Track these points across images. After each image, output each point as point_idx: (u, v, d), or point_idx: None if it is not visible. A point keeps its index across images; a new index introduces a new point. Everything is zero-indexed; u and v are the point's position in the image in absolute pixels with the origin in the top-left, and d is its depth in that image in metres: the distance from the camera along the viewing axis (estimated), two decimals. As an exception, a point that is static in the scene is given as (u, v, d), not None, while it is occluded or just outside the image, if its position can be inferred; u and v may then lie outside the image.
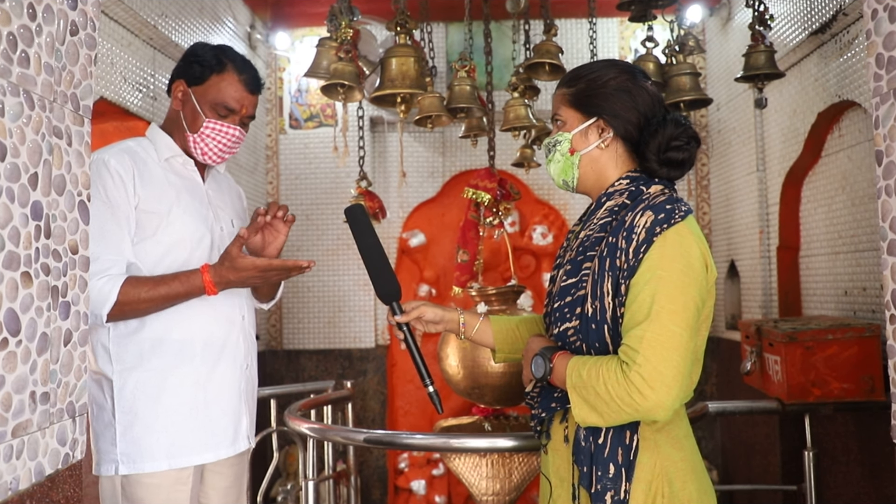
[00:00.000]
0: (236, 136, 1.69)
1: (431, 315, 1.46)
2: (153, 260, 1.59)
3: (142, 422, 1.57)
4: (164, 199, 1.61)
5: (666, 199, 1.24)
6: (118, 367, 1.58)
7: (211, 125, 1.65)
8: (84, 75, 0.98)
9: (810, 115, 2.97)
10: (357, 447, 3.31)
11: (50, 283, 0.89)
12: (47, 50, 0.89)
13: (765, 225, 3.49)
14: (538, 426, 1.39)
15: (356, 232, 1.42)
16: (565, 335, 1.29)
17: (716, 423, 4.01)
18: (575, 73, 1.38)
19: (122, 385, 1.57)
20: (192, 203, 1.66)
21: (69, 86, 0.94)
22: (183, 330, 1.61)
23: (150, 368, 1.58)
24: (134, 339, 1.58)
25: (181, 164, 1.70)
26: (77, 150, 0.96)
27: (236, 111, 1.67)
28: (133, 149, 1.64)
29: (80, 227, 0.97)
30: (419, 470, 4.30)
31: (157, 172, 1.64)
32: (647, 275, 1.18)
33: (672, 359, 1.14)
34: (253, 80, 1.70)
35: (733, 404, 2.62)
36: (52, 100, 0.90)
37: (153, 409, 1.57)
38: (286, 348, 4.32)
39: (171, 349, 1.60)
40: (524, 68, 2.81)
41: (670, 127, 1.29)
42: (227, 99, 1.65)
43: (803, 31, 2.94)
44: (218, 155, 1.69)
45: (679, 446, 1.26)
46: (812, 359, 2.41)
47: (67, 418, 0.94)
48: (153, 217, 1.59)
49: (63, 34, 0.93)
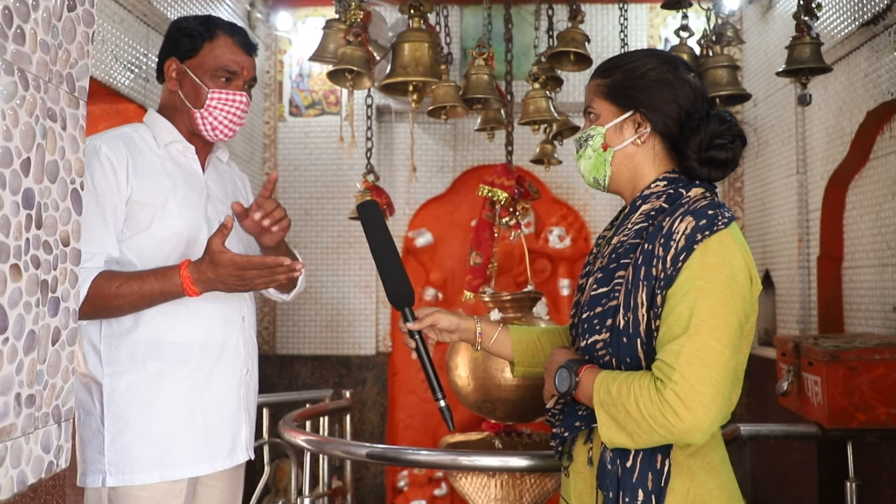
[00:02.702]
0: (244, 102, 1.70)
1: (446, 323, 1.46)
2: (147, 255, 1.59)
3: (133, 429, 1.56)
4: (159, 189, 1.61)
5: (708, 204, 1.23)
6: (108, 369, 1.57)
7: (216, 95, 1.66)
8: (81, 54, 0.99)
9: (858, 113, 2.95)
10: (355, 462, 3.31)
11: (40, 277, 0.90)
12: (44, 26, 0.89)
13: (804, 232, 3.48)
14: (559, 446, 1.38)
15: (369, 230, 1.43)
16: (593, 348, 1.28)
17: (746, 447, 3.99)
18: (611, 62, 1.38)
19: (113, 389, 1.57)
20: (189, 195, 1.66)
21: (65, 65, 0.95)
22: (179, 331, 1.61)
23: (143, 371, 1.58)
24: (126, 340, 1.58)
25: (181, 150, 1.70)
26: (71, 135, 0.97)
27: (238, 74, 1.69)
28: (129, 135, 1.65)
29: (72, 218, 0.98)
30: (420, 489, 4.30)
31: (154, 161, 1.64)
32: (686, 285, 1.17)
33: (711, 377, 1.13)
34: (246, 40, 1.72)
35: (768, 427, 2.60)
36: (47, 80, 0.90)
37: (145, 416, 1.57)
38: (279, 353, 4.33)
39: (166, 351, 1.59)
40: (547, 57, 2.81)
41: (714, 123, 1.28)
42: (225, 62, 1.67)
43: (853, 22, 2.93)
44: (228, 127, 1.70)
45: (715, 473, 1.25)
46: (856, 380, 2.40)
47: (53, 423, 0.95)
48: (147, 209, 1.59)
49: (60, 9, 0.93)
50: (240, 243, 1.75)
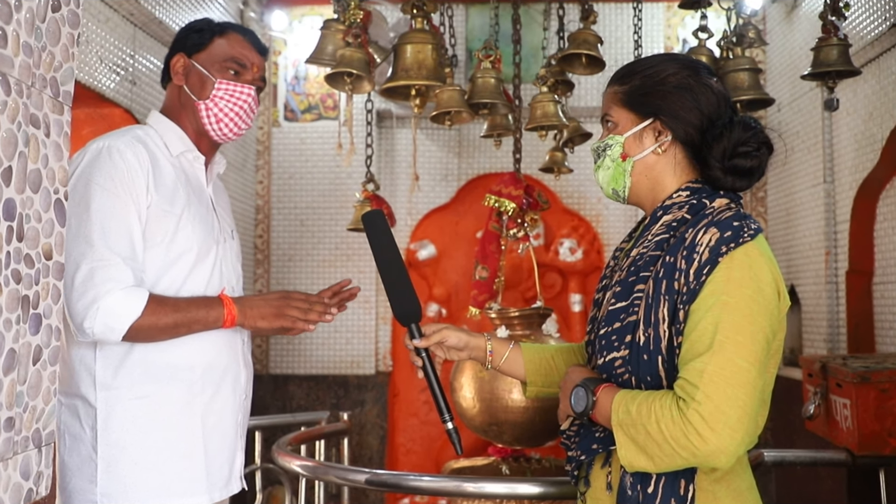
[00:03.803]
0: (252, 97, 1.71)
1: (455, 340, 1.46)
2: (155, 272, 1.58)
3: (129, 456, 1.54)
4: (176, 200, 1.61)
5: (733, 215, 1.24)
6: (103, 392, 1.55)
7: (224, 85, 1.67)
8: (65, 57, 0.99)
9: (889, 119, 2.95)
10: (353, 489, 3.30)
11: (20, 293, 0.90)
12: (27, 28, 0.90)
13: (832, 245, 3.47)
14: (575, 470, 1.38)
15: (375, 242, 1.43)
16: (612, 367, 1.28)
17: (771, 474, 3.97)
18: (629, 68, 1.39)
19: (108, 413, 1.55)
20: (199, 209, 1.66)
21: (49, 69, 0.95)
22: (180, 353, 1.59)
23: (141, 395, 1.56)
24: (124, 362, 1.56)
25: (191, 161, 1.70)
26: (55, 142, 0.97)
27: (248, 67, 1.70)
28: (143, 139, 1.63)
29: (55, 230, 0.98)
30: (422, 518, 4.28)
31: (169, 170, 1.64)
32: (711, 300, 1.17)
33: (738, 397, 1.13)
34: (257, 40, 1.75)
35: (793, 453, 2.59)
36: (30, 84, 0.91)
37: (143, 443, 1.55)
38: (272, 373, 4.32)
39: (166, 374, 1.58)
40: (557, 59, 2.82)
41: (738, 130, 1.29)
42: (235, 54, 1.69)
43: (884, 23, 2.94)
44: (234, 122, 1.70)
45: (741, 500, 1.25)
46: (888, 403, 2.38)
47: (33, 448, 0.95)
48: (164, 221, 1.58)
49: (44, 10, 0.94)
50: (238, 262, 1.79)
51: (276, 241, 4.37)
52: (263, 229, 4.38)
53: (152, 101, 3.08)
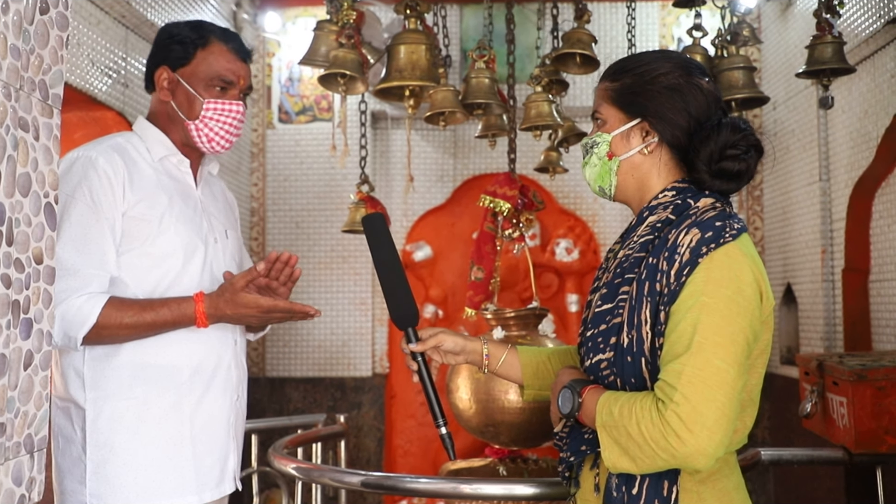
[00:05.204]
0: (240, 112, 1.72)
1: (451, 344, 1.46)
2: (140, 273, 1.59)
3: (118, 458, 1.56)
4: (156, 205, 1.62)
5: (716, 215, 1.24)
6: (92, 394, 1.57)
7: (212, 105, 1.68)
8: (54, 60, 0.99)
9: (885, 116, 2.96)
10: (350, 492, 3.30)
11: (11, 297, 0.90)
12: (14, 30, 0.90)
13: (828, 243, 3.48)
14: (566, 472, 1.38)
15: (374, 245, 1.43)
16: (598, 368, 1.29)
17: (768, 473, 3.97)
18: (621, 65, 1.39)
19: (97, 415, 1.57)
20: (185, 210, 1.67)
21: (37, 72, 0.95)
22: (169, 354, 1.61)
23: (129, 397, 1.58)
24: (112, 364, 1.58)
25: (175, 164, 1.72)
26: (45, 146, 0.97)
27: (234, 83, 1.71)
28: (122, 146, 1.65)
29: (45, 234, 0.98)
30: (420, 521, 4.28)
31: (149, 174, 1.65)
32: (690, 301, 1.17)
33: (716, 398, 1.13)
34: (241, 47, 1.74)
35: (790, 452, 2.59)
36: (18, 87, 0.91)
37: (131, 444, 1.57)
38: (269, 376, 4.32)
39: (154, 375, 1.60)
40: (551, 59, 2.83)
41: (725, 132, 1.28)
42: (220, 71, 1.69)
43: (878, 20, 2.94)
44: (225, 139, 1.71)
45: (727, 500, 1.25)
46: (885, 401, 2.38)
47: (25, 453, 0.94)
48: (143, 225, 1.59)
49: (32, 12, 0.94)
50: (233, 261, 1.79)
51: (271, 244, 4.37)
52: (258, 231, 4.37)
53: (145, 103, 3.08)
